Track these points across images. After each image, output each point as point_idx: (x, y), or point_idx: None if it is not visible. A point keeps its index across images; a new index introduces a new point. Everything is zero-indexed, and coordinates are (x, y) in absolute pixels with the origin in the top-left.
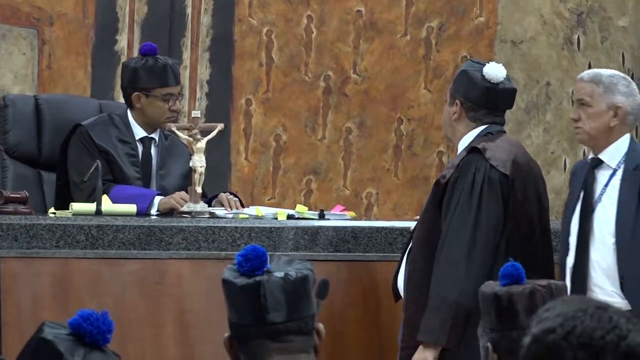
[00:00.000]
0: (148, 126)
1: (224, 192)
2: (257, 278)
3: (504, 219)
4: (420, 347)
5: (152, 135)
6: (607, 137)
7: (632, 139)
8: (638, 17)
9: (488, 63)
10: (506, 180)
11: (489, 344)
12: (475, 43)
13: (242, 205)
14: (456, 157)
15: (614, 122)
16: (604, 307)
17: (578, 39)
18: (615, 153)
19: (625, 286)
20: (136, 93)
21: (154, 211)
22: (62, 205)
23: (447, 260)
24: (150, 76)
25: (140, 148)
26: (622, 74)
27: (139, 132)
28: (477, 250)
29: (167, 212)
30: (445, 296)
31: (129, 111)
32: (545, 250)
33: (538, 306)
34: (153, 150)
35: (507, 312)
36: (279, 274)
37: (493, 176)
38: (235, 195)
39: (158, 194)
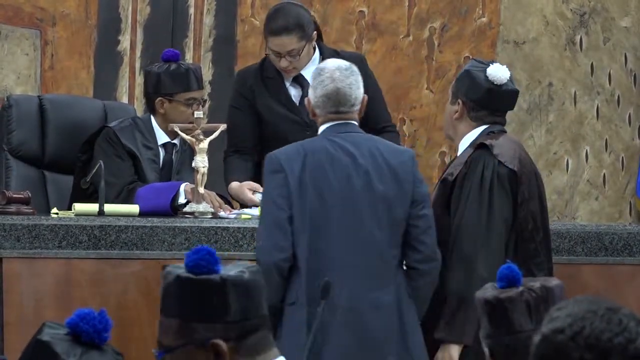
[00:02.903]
0: (171, 132)
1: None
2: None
3: (513, 215)
4: (442, 345)
5: (175, 141)
6: None
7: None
8: None
9: (492, 64)
10: (514, 176)
11: (486, 349)
12: (477, 44)
13: (232, 207)
14: (461, 155)
15: None
16: (614, 309)
17: (580, 39)
18: None
19: None
20: (159, 98)
21: (181, 199)
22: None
23: (460, 256)
24: (173, 81)
25: (162, 154)
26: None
27: (162, 138)
28: (491, 245)
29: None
30: (460, 293)
31: (152, 117)
32: (547, 250)
33: (532, 309)
34: (174, 156)
35: (499, 317)
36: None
37: (502, 172)
38: (224, 198)
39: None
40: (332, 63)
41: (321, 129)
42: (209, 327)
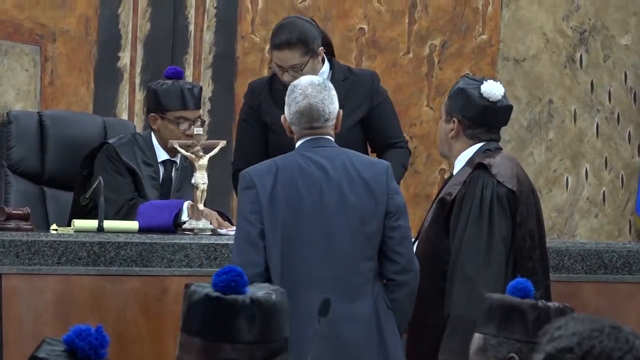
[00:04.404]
0: (171, 149)
1: (212, 210)
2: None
3: (511, 234)
4: None
5: (174, 159)
6: None
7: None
8: None
9: (485, 80)
10: (513, 196)
11: (514, 355)
12: (477, 61)
13: (231, 224)
14: (458, 174)
15: None
16: (617, 327)
17: (580, 57)
18: None
19: None
20: (152, 114)
21: (184, 217)
22: (79, 218)
23: (462, 276)
24: (167, 98)
25: (161, 171)
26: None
27: (162, 155)
28: (492, 265)
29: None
30: (463, 314)
31: (152, 134)
32: (545, 268)
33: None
34: (174, 174)
35: (540, 324)
36: None
37: (501, 192)
38: (224, 215)
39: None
40: (306, 79)
41: (296, 145)
42: (235, 348)
